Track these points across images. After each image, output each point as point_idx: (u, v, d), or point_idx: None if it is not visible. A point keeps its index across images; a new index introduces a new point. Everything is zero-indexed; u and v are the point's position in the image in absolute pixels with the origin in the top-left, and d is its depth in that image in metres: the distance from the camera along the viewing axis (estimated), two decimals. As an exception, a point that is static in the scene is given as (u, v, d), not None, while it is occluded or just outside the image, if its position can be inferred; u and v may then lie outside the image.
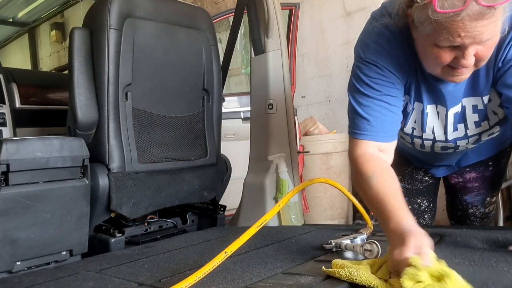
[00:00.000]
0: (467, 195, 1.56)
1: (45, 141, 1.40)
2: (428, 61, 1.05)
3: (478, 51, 0.96)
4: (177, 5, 1.85)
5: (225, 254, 1.00)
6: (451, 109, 1.20)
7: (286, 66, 2.04)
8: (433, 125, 1.25)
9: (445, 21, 0.89)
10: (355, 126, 1.16)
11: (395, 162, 1.60)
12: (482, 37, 0.91)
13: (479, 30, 0.89)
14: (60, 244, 1.44)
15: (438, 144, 1.30)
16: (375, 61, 1.13)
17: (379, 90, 1.12)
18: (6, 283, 1.21)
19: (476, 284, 0.84)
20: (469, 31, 0.89)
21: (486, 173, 1.51)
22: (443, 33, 0.92)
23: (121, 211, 1.62)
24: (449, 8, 0.86)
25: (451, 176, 1.57)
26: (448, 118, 1.21)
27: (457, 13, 0.86)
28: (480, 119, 1.21)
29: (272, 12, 1.98)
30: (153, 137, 1.74)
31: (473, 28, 0.88)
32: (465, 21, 0.87)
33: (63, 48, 8.34)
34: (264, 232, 1.56)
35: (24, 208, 1.34)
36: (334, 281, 0.95)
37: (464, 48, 0.94)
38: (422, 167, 1.57)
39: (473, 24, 0.88)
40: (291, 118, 2.05)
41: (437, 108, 1.21)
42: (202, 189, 1.90)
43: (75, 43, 1.60)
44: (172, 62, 1.78)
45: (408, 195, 1.63)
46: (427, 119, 1.23)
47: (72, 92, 1.58)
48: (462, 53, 0.95)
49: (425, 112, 1.22)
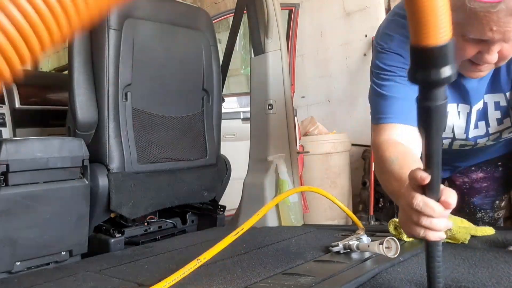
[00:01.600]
0: (474, 196, 1.50)
1: (45, 141, 1.40)
2: None
3: (503, 49, 0.94)
4: (176, 6, 1.85)
5: (197, 261, 1.00)
6: (474, 106, 1.17)
7: (286, 67, 2.04)
8: (453, 124, 1.21)
9: (480, 11, 0.86)
10: (378, 111, 1.11)
11: None
12: (511, 35, 0.89)
13: (511, 27, 0.87)
14: (59, 244, 1.44)
15: (457, 142, 1.27)
16: (397, 51, 1.10)
17: (403, 76, 1.08)
18: (5, 284, 1.21)
19: (476, 285, 0.84)
20: (501, 26, 0.87)
21: (496, 174, 1.46)
22: (474, 24, 0.89)
23: (121, 211, 1.62)
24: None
25: (455, 177, 1.52)
26: (472, 115, 1.18)
27: (495, 5, 0.84)
28: (502, 116, 1.18)
29: (271, 13, 1.98)
30: (152, 138, 1.74)
31: (506, 23, 0.87)
32: (500, 14, 0.85)
33: (63, 48, 8.33)
34: (264, 233, 1.56)
35: (24, 208, 1.34)
36: (334, 281, 0.96)
37: (491, 44, 0.92)
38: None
39: (507, 19, 0.86)
40: (291, 118, 2.05)
41: (458, 107, 1.18)
42: (202, 189, 1.90)
43: (75, 43, 1.60)
44: (171, 63, 1.78)
45: None
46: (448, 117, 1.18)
47: (71, 92, 1.58)
48: (488, 48, 0.93)
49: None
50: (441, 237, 0.72)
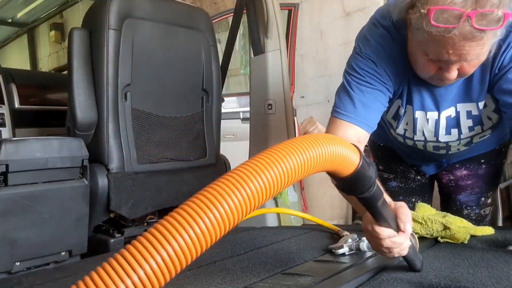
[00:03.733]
0: (460, 194, 1.55)
1: (44, 141, 1.40)
2: (417, 66, 1.10)
3: (463, 67, 1.00)
4: (176, 6, 1.85)
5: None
6: (443, 112, 1.22)
7: (286, 67, 2.04)
8: (423, 129, 1.27)
9: (436, 35, 0.92)
10: (341, 106, 1.17)
11: (387, 159, 1.62)
12: (467, 57, 0.95)
13: (466, 50, 0.93)
14: (59, 244, 1.44)
15: (430, 144, 1.33)
16: (372, 57, 1.15)
17: (371, 83, 1.15)
18: (5, 284, 1.21)
19: (476, 285, 0.84)
20: (457, 49, 0.93)
21: (479, 171, 1.50)
22: (433, 45, 0.96)
23: (121, 211, 1.62)
24: (443, 23, 0.89)
25: (442, 174, 1.56)
26: (441, 121, 1.23)
27: (449, 30, 0.89)
28: (474, 124, 1.24)
29: (271, 13, 1.98)
30: (152, 138, 1.74)
31: (461, 47, 0.92)
32: (455, 39, 0.90)
33: (62, 48, 8.33)
34: (264, 233, 1.56)
35: (23, 208, 1.34)
36: (334, 281, 0.96)
37: (450, 63, 0.98)
38: (414, 164, 1.57)
39: (461, 43, 0.91)
40: (290, 118, 2.05)
41: (426, 115, 1.23)
42: (202, 189, 1.90)
43: (74, 43, 1.60)
44: (171, 63, 1.78)
45: (402, 193, 1.64)
46: (417, 123, 1.26)
47: (71, 92, 1.58)
48: (447, 67, 1.00)
49: (415, 117, 1.24)
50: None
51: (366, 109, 1.14)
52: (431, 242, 1.19)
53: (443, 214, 1.26)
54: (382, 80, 1.15)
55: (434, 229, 1.17)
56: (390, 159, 1.61)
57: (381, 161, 1.69)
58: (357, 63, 1.18)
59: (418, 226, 1.19)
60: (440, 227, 1.17)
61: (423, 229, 1.19)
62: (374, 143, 1.64)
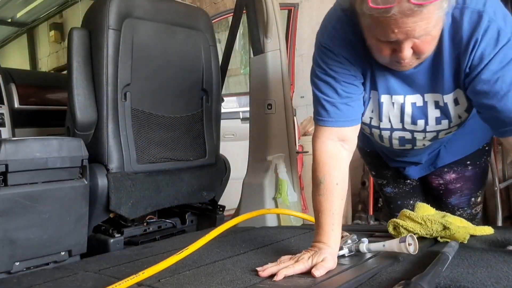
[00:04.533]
0: (451, 197, 1.54)
1: (44, 141, 1.40)
2: (374, 53, 1.08)
3: (416, 45, 0.98)
4: (176, 6, 1.85)
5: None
6: (408, 96, 1.20)
7: (285, 67, 2.04)
8: (389, 114, 1.25)
9: (378, 16, 0.92)
10: (316, 111, 1.18)
11: (377, 165, 1.61)
12: (414, 33, 0.94)
13: (411, 27, 0.92)
14: (59, 244, 1.44)
15: (396, 134, 1.30)
16: (330, 46, 1.14)
17: (335, 77, 1.15)
18: (5, 284, 1.21)
19: (475, 284, 0.84)
20: (401, 27, 0.92)
21: (467, 173, 1.50)
22: (378, 28, 0.96)
23: (120, 211, 1.62)
24: (382, 4, 0.89)
25: (431, 178, 1.55)
26: (406, 106, 1.21)
27: (387, 10, 0.89)
28: (441, 116, 1.22)
29: (271, 13, 1.98)
30: (152, 138, 1.74)
31: (405, 24, 0.91)
32: (396, 17, 0.90)
33: (62, 48, 8.33)
34: (263, 232, 1.56)
35: (23, 208, 1.34)
36: (334, 281, 0.96)
37: (400, 43, 0.97)
38: (395, 165, 1.57)
39: (403, 20, 0.90)
40: (290, 118, 2.05)
41: (392, 98, 1.21)
42: (201, 189, 1.90)
43: (74, 43, 1.60)
44: (171, 63, 1.78)
45: (398, 198, 1.65)
46: (383, 107, 1.23)
47: (71, 92, 1.57)
48: (399, 47, 0.99)
49: (380, 101, 1.22)
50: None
51: (339, 105, 1.14)
52: (430, 242, 1.19)
53: (443, 214, 1.26)
54: (345, 67, 1.14)
55: (433, 229, 1.17)
56: (379, 165, 1.62)
57: (372, 167, 1.69)
58: (319, 55, 1.17)
59: (417, 227, 1.19)
60: (440, 227, 1.17)
61: (422, 229, 1.19)
62: (362, 149, 1.64)
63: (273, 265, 1.04)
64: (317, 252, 1.04)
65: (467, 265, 0.97)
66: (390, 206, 1.70)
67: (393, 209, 1.68)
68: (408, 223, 1.20)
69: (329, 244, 1.07)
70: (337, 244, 1.09)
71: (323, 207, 1.10)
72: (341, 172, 1.14)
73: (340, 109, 1.15)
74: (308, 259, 1.03)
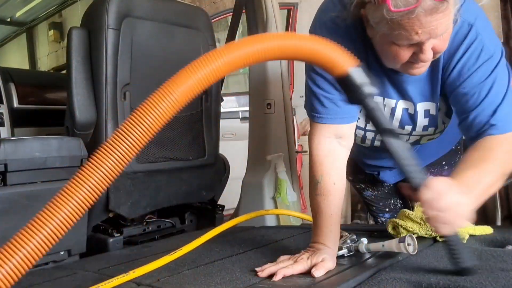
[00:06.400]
0: None
1: (43, 141, 1.40)
2: (387, 59, 1.06)
3: (435, 45, 0.97)
4: (175, 5, 1.84)
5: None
6: (400, 102, 1.19)
7: (285, 66, 2.05)
8: None
9: (400, 20, 0.90)
10: (313, 108, 1.17)
11: (353, 172, 1.61)
12: (437, 32, 0.92)
13: (434, 25, 0.90)
14: (58, 244, 1.43)
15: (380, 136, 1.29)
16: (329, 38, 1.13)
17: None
18: (4, 283, 1.20)
19: (474, 284, 0.84)
20: (425, 27, 0.90)
21: (444, 173, 1.50)
22: (400, 32, 0.93)
23: (120, 211, 1.62)
24: (403, 6, 0.87)
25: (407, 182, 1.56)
26: (396, 111, 1.21)
27: (412, 10, 0.87)
28: (429, 124, 1.23)
29: (270, 12, 1.98)
30: (151, 137, 1.74)
31: (429, 23, 0.90)
32: (420, 17, 0.88)
33: (61, 47, 8.32)
34: (263, 232, 1.56)
35: (22, 208, 1.33)
36: (334, 281, 0.96)
37: (422, 44, 0.95)
38: (370, 171, 1.57)
39: (428, 19, 0.89)
40: (290, 118, 2.05)
41: (384, 100, 1.20)
42: (201, 188, 1.90)
43: (73, 43, 1.59)
44: (170, 62, 1.78)
45: (379, 199, 1.65)
46: None
47: (70, 92, 1.57)
48: (420, 48, 0.97)
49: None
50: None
51: (338, 102, 1.13)
52: (429, 242, 1.19)
53: None
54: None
55: (432, 229, 1.17)
56: (355, 170, 1.61)
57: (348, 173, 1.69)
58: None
59: (416, 226, 1.20)
60: None
61: (421, 229, 1.19)
62: None
63: (272, 265, 1.04)
64: (316, 252, 1.04)
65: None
66: (371, 208, 1.70)
67: (375, 211, 1.68)
68: (407, 223, 1.21)
69: (328, 244, 1.07)
70: (336, 244, 1.09)
71: (321, 207, 1.10)
72: (339, 171, 1.14)
73: (339, 106, 1.13)
74: (307, 259, 1.03)
